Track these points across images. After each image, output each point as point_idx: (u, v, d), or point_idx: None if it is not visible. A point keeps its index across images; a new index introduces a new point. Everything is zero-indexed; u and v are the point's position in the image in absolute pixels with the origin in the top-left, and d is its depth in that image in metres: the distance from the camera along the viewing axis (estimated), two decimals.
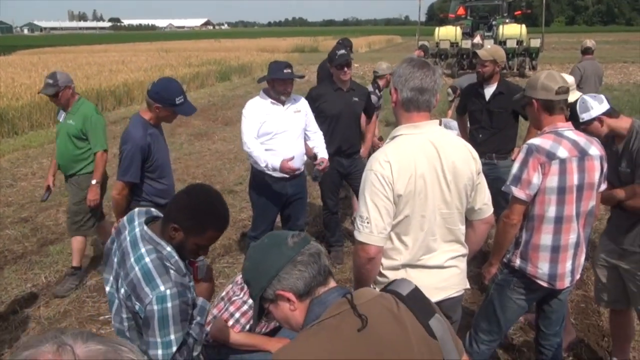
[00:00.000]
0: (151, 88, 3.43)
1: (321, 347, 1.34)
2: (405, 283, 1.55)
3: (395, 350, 1.36)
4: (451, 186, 2.23)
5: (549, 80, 2.61)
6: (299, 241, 1.48)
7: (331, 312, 1.39)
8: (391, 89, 2.33)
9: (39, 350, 0.69)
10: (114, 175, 3.76)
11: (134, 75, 17.05)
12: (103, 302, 4.46)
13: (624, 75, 19.93)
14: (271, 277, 1.46)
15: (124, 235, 2.05)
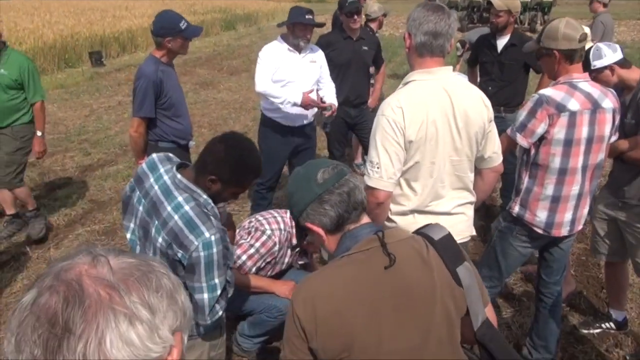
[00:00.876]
0: (154, 27, 3.44)
1: (346, 279, 1.39)
2: (438, 228, 1.56)
3: (418, 292, 1.39)
4: (462, 133, 2.23)
5: (570, 29, 2.54)
6: (329, 178, 1.48)
7: (361, 247, 1.43)
8: (405, 35, 2.30)
9: (74, 261, 0.72)
10: (120, 121, 3.76)
11: (137, 22, 16.73)
12: (111, 246, 4.55)
13: (637, 32, 19.52)
14: (300, 211, 1.52)
15: (148, 183, 2.03)
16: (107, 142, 7.23)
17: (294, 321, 1.39)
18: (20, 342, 0.65)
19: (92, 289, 0.67)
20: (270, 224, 3.11)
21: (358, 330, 1.35)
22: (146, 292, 0.69)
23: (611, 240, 3.23)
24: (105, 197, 5.54)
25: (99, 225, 4.92)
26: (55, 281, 0.68)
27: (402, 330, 1.38)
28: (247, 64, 13.43)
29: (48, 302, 0.66)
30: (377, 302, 1.37)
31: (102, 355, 0.64)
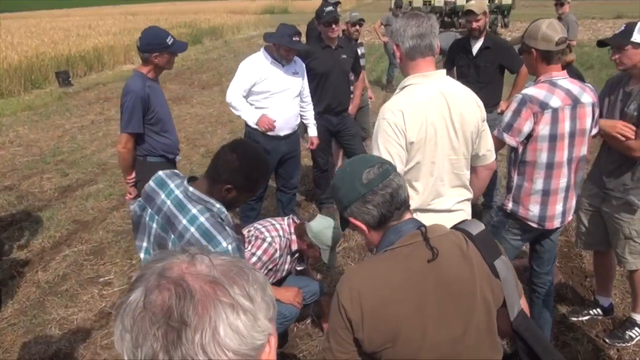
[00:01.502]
0: (140, 43, 3.46)
1: (392, 272, 1.45)
2: (475, 223, 1.62)
3: (460, 284, 1.46)
4: (459, 133, 2.33)
5: (551, 31, 2.67)
6: (374, 178, 1.52)
7: (404, 241, 1.49)
8: (393, 47, 2.40)
9: (172, 260, 0.76)
10: (95, 140, 3.75)
11: (103, 40, 16.57)
12: (101, 265, 4.51)
13: (593, 31, 20.25)
14: (344, 207, 1.58)
15: (160, 199, 2.05)
16: (85, 162, 7.15)
17: (340, 312, 1.43)
18: (138, 337, 0.68)
19: (197, 285, 0.71)
20: (269, 232, 3.15)
21: (404, 322, 1.40)
22: (245, 284, 0.74)
23: (596, 230, 3.36)
24: (88, 216, 5.47)
25: (85, 245, 4.86)
26: (161, 279, 0.72)
27: (445, 322, 1.43)
28: (218, 77, 13.46)
29: (160, 298, 0.69)
30: (422, 295, 1.43)
31: (217, 345, 0.68)
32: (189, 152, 7.32)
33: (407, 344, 1.41)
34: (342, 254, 4.52)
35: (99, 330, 3.65)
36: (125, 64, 16.10)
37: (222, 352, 0.69)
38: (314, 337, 3.51)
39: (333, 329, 1.47)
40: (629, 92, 3.00)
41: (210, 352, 0.68)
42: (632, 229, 3.11)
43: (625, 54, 2.90)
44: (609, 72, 11.47)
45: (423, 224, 1.55)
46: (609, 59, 9.93)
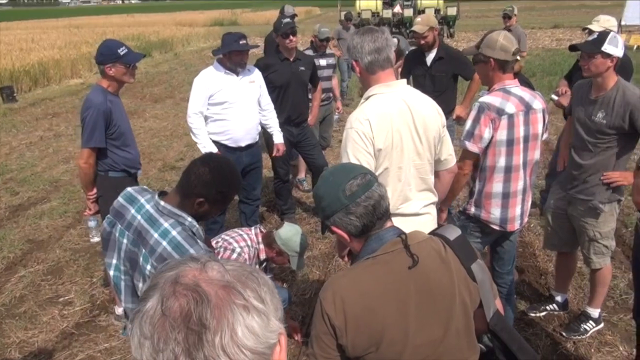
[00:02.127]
0: (96, 55, 3.44)
1: (374, 279, 1.50)
2: (452, 229, 1.68)
3: (439, 288, 1.52)
4: (422, 139, 2.43)
5: (507, 42, 2.82)
6: (357, 190, 1.56)
7: (386, 249, 1.54)
8: (352, 63, 2.49)
9: (184, 268, 0.78)
10: (45, 157, 3.67)
11: (47, 54, 16.09)
12: (60, 285, 4.39)
13: (533, 40, 21.10)
14: (327, 216, 1.62)
15: (130, 215, 2.05)
16: (36, 180, 6.93)
17: (324, 319, 1.47)
18: (159, 343, 0.70)
19: (212, 290, 0.74)
20: (238, 242, 3.17)
21: (387, 327, 1.46)
22: (257, 287, 0.78)
23: (562, 232, 3.51)
24: (43, 235, 5.31)
25: (42, 265, 4.71)
26: (176, 286, 0.74)
27: (425, 325, 1.50)
28: (170, 90, 13.30)
29: (178, 304, 0.72)
30: (404, 300, 1.48)
31: (236, 345, 0.72)
32: (146, 167, 7.20)
33: (389, 348, 1.46)
34: (307, 263, 4.56)
35: (62, 351, 3.55)
36: (72, 78, 15.69)
37: (241, 351, 0.72)
38: None
39: (317, 335, 1.51)
40: (594, 100, 3.13)
41: (230, 352, 0.71)
42: (596, 231, 3.27)
43: (594, 61, 3.02)
44: (550, 79, 12.04)
45: (403, 232, 1.60)
46: (550, 67, 10.30)
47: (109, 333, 3.73)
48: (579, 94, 3.29)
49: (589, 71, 3.10)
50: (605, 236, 3.28)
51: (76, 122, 8.88)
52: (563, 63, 13.80)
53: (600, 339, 3.47)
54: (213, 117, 4.26)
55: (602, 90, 3.09)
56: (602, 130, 3.08)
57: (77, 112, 3.49)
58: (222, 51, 4.19)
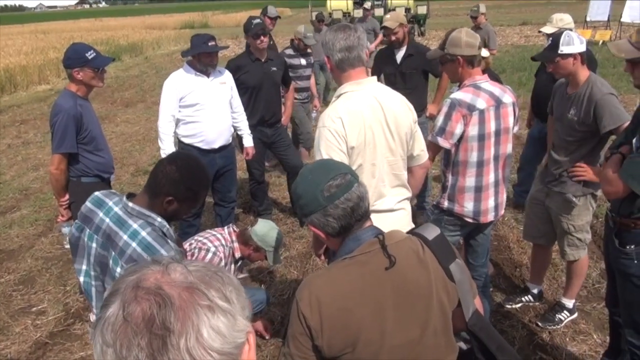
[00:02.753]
0: (63, 59, 3.38)
1: (350, 279, 1.49)
2: (431, 228, 1.66)
3: (416, 289, 1.51)
4: (395, 135, 2.45)
5: (471, 38, 2.87)
6: (336, 192, 1.53)
7: (363, 249, 1.52)
8: (324, 59, 2.50)
9: (146, 272, 0.75)
10: (14, 165, 3.60)
11: (14, 60, 15.75)
12: (32, 294, 4.30)
13: (502, 37, 21.43)
14: (305, 214, 1.59)
15: (98, 218, 2.02)
16: (5, 188, 6.77)
17: (300, 319, 1.46)
18: (122, 350, 0.68)
19: (174, 292, 0.72)
20: (212, 242, 3.15)
21: (363, 327, 1.45)
22: (221, 287, 0.76)
23: (539, 223, 3.56)
24: (14, 245, 5.19)
25: (13, 275, 4.60)
26: (138, 291, 0.72)
27: (402, 326, 1.48)
28: (141, 94, 13.14)
29: (140, 309, 0.70)
30: (380, 301, 1.47)
31: (202, 347, 0.70)
32: (119, 172, 7.08)
33: (365, 349, 1.45)
34: (285, 264, 4.55)
35: None
36: (39, 84, 15.39)
37: (207, 353, 0.70)
38: (263, 347, 3.51)
39: (293, 334, 1.50)
40: (569, 97, 3.18)
41: (197, 354, 0.69)
42: (570, 224, 3.32)
43: (558, 65, 3.08)
44: (519, 75, 12.25)
45: (381, 232, 1.58)
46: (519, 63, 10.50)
47: (84, 341, 3.66)
48: (559, 91, 3.33)
49: (558, 74, 3.17)
50: (579, 229, 3.34)
51: (45, 129, 8.73)
52: None
53: (575, 328, 3.54)
54: (185, 120, 4.22)
55: (576, 87, 3.14)
56: (574, 127, 3.12)
57: (46, 119, 3.42)
58: (191, 52, 4.15)
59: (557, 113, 3.29)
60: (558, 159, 3.27)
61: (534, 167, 5.34)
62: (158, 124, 4.23)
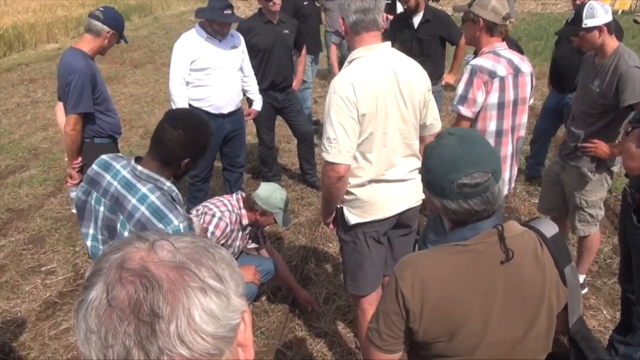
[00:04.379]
0: (104, 15, 3.36)
1: (461, 268, 1.40)
2: (548, 224, 1.54)
3: (530, 288, 1.42)
4: (407, 103, 2.38)
5: (500, 5, 2.75)
6: (468, 193, 1.37)
7: (480, 239, 1.40)
8: (339, 20, 2.42)
9: (130, 249, 0.70)
10: (23, 124, 3.56)
11: (22, 17, 15.53)
12: (42, 254, 4.32)
13: (519, 4, 20.86)
14: (425, 188, 1.48)
15: (105, 182, 2.00)
16: (14, 147, 6.76)
17: (397, 299, 1.39)
18: (107, 337, 0.64)
19: (162, 273, 0.67)
20: (218, 207, 3.15)
21: (467, 319, 1.38)
22: (213, 265, 0.71)
23: (553, 196, 3.50)
24: (24, 204, 5.20)
25: (23, 234, 4.62)
26: (122, 272, 0.67)
27: (507, 323, 1.41)
28: (150, 55, 12.98)
29: (125, 292, 0.65)
30: (490, 295, 1.39)
31: (194, 332, 0.65)
32: (127, 134, 7.05)
33: (464, 341, 1.39)
34: (292, 230, 4.54)
35: (46, 320, 3.51)
36: (48, 42, 15.21)
37: (200, 337, 0.65)
38: (271, 313, 3.53)
39: (385, 312, 1.43)
40: (595, 67, 3.06)
41: (188, 340, 0.64)
42: (583, 199, 3.26)
43: (583, 39, 2.98)
44: (535, 44, 11.97)
45: (500, 222, 1.45)
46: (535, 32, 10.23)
47: None
48: (587, 61, 3.21)
49: (585, 48, 3.06)
50: (592, 205, 3.28)
51: (54, 88, 8.65)
52: (549, 28, 13.70)
53: (585, 303, 3.51)
54: (195, 83, 4.15)
55: (603, 58, 3.03)
56: (594, 99, 3.03)
57: (54, 78, 3.36)
58: (204, 15, 4.05)
59: (581, 83, 3.20)
60: (575, 132, 3.19)
61: (548, 140, 5.25)
62: (170, 87, 4.16)
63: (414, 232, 2.72)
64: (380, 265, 2.64)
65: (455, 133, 1.44)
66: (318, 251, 4.24)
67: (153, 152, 1.99)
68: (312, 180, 5.29)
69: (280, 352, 3.20)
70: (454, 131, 1.47)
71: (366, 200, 2.44)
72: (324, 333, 3.32)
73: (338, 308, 3.54)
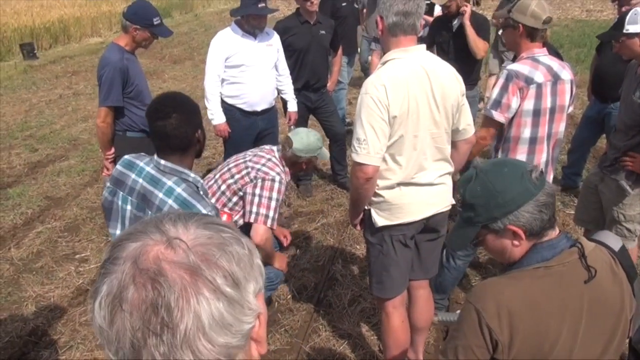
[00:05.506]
0: (127, 10, 3.40)
1: (547, 292, 1.36)
2: (614, 238, 1.52)
3: (610, 305, 1.41)
4: (440, 107, 2.35)
5: (539, 9, 2.69)
6: (541, 178, 1.42)
7: (562, 259, 1.39)
8: (377, 18, 2.40)
9: (147, 243, 0.68)
10: (64, 115, 3.65)
11: (68, 11, 16.00)
12: (76, 242, 4.44)
13: (562, 10, 20.42)
14: (509, 212, 1.41)
15: (130, 180, 2.03)
16: (54, 137, 6.97)
17: (482, 331, 1.35)
18: (118, 334, 0.64)
19: (175, 275, 0.65)
20: (273, 169, 3.04)
21: (557, 344, 1.35)
22: (229, 266, 0.68)
23: (590, 207, 3.39)
24: (61, 193, 5.36)
25: (59, 222, 4.76)
26: (135, 270, 0.66)
27: (590, 342, 1.39)
28: (189, 51, 13.19)
29: (138, 295, 0.64)
30: (577, 317, 1.37)
31: (205, 340, 0.64)
32: None
33: None
34: (320, 230, 4.55)
35: (77, 307, 3.61)
36: (92, 36, 15.62)
37: (211, 345, 0.64)
38: (295, 312, 3.54)
39: (467, 346, 1.39)
40: (637, 77, 2.97)
41: (197, 350, 0.64)
42: (620, 212, 3.15)
43: (623, 45, 2.90)
44: (578, 51, 11.69)
45: (577, 240, 1.44)
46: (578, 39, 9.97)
47: None
48: (631, 71, 3.11)
49: (624, 54, 2.98)
50: (629, 219, 3.17)
51: (95, 81, 8.89)
52: (593, 35, 13.33)
53: None
54: (229, 80, 4.20)
55: None
56: (636, 111, 2.92)
57: (96, 71, 3.46)
58: (240, 12, 4.10)
59: (623, 94, 3.10)
60: (615, 143, 3.10)
61: (587, 150, 5.12)
62: (204, 83, 4.22)
63: (443, 238, 2.69)
64: (407, 269, 2.62)
65: (480, 166, 1.49)
66: (345, 252, 4.23)
67: (167, 148, 1.99)
68: (342, 181, 5.29)
69: (303, 351, 3.21)
70: (478, 168, 1.49)
71: (394, 203, 2.42)
72: (347, 334, 3.32)
73: (362, 310, 3.53)
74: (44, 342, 3.31)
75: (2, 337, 3.33)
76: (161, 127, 1.94)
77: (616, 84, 4.02)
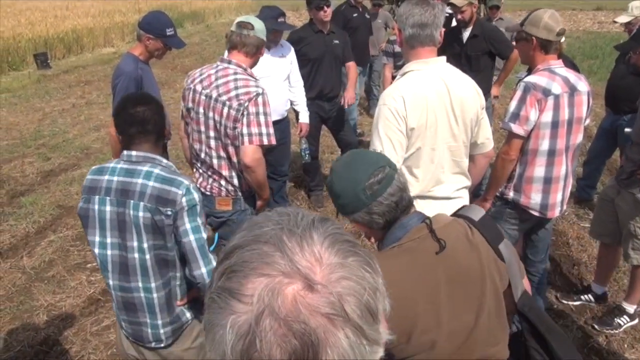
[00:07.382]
0: (142, 20, 3.42)
1: (401, 268, 1.43)
2: (476, 209, 1.62)
3: (469, 273, 1.46)
4: (459, 120, 2.33)
5: (552, 21, 2.68)
6: (379, 188, 1.46)
7: (411, 236, 1.47)
8: (396, 31, 2.38)
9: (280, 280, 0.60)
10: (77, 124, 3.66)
11: (81, 22, 16.21)
12: (88, 251, 4.43)
13: (574, 22, 20.45)
14: (345, 213, 1.53)
15: (104, 182, 2.00)
16: (67, 146, 7.01)
17: None
18: None
19: (315, 323, 0.58)
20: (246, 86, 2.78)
21: (419, 317, 1.40)
22: (371, 303, 0.63)
23: (607, 220, 3.34)
24: (73, 202, 5.36)
25: (71, 230, 4.77)
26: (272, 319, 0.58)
27: (457, 311, 1.43)
28: (201, 62, 13.25)
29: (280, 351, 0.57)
30: (434, 288, 1.42)
31: None
32: (174, 138, 7.18)
33: (421, 337, 1.40)
34: None
35: (89, 316, 3.60)
36: (104, 47, 15.80)
37: None
38: None
39: None
40: None
41: None
42: (637, 226, 3.11)
43: None
44: (590, 63, 11.63)
45: (427, 216, 1.52)
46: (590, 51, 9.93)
47: None
48: None
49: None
50: None
51: (107, 91, 8.95)
52: (605, 47, 13.31)
53: (635, 334, 3.35)
54: None
55: None
56: None
57: (108, 81, 3.47)
58: None
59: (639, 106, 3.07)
60: (632, 157, 3.06)
61: (602, 162, 5.07)
62: None
63: None
64: None
65: (339, 160, 1.59)
66: None
67: (143, 134, 2.05)
68: None
69: None
70: (336, 161, 1.59)
71: None
72: None
73: None
74: (55, 351, 3.29)
75: (14, 346, 3.32)
76: (141, 112, 2.04)
77: (628, 96, 3.98)
